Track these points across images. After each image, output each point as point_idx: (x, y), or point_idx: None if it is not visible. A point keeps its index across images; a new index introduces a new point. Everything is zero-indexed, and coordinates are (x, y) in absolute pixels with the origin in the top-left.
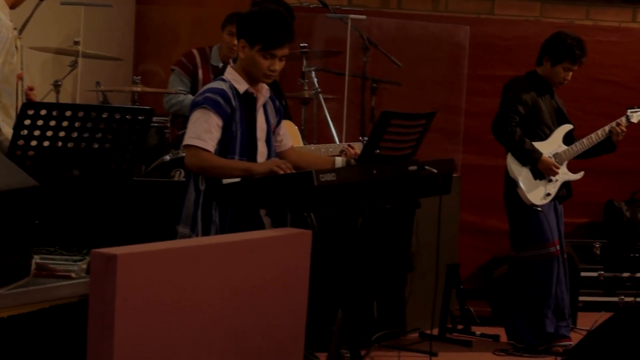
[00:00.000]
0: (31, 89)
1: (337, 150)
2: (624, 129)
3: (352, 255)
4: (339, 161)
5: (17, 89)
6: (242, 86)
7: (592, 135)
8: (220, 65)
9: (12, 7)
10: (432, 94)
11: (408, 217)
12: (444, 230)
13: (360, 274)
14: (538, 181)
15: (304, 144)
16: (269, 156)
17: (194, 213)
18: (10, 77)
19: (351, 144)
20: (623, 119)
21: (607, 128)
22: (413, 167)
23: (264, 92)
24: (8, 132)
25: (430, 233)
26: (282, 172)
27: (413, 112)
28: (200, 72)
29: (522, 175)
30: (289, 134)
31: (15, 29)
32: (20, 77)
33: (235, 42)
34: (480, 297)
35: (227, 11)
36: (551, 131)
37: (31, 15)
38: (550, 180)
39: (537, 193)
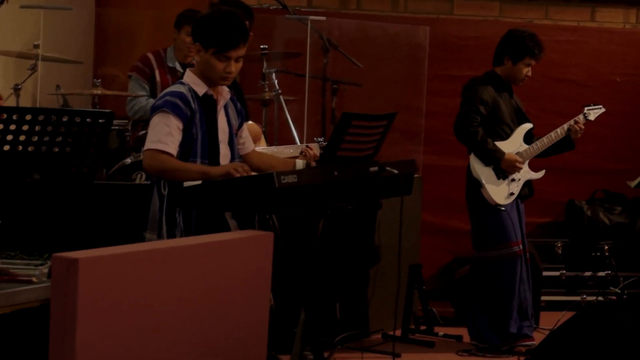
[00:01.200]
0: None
1: (298, 152)
2: (582, 127)
3: (314, 257)
4: (300, 163)
5: None
6: (201, 89)
7: (552, 133)
8: (177, 65)
9: None
10: (392, 95)
11: (370, 218)
12: (405, 231)
13: (322, 276)
14: (501, 181)
15: (267, 145)
16: (232, 158)
17: (159, 218)
18: None
19: (309, 145)
20: (580, 116)
21: (565, 126)
22: (374, 168)
23: (224, 94)
24: None
25: (392, 234)
26: (238, 175)
27: (374, 113)
28: (157, 74)
29: (486, 175)
30: (253, 136)
31: None
32: None
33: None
34: (442, 297)
35: None
36: (512, 130)
37: None
38: (513, 180)
39: (500, 193)
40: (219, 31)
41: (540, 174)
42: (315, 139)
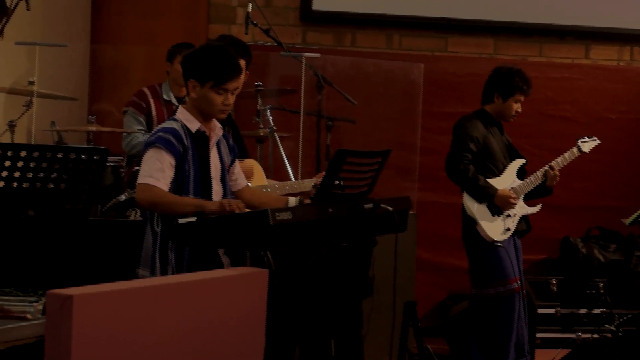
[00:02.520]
0: None
1: (310, 186)
2: (557, 173)
3: (308, 294)
4: (292, 201)
5: None
6: (194, 125)
7: (539, 172)
8: (173, 99)
9: None
10: (387, 132)
11: (365, 255)
12: (400, 268)
13: (317, 313)
14: (496, 217)
15: (267, 182)
16: (224, 195)
17: (152, 254)
18: None
19: (320, 175)
20: (575, 149)
21: (541, 171)
22: (369, 205)
23: (216, 130)
24: None
25: (387, 270)
26: (232, 210)
27: (368, 149)
28: (153, 109)
29: (480, 212)
30: (254, 172)
31: None
32: None
33: None
34: (437, 334)
35: None
36: (504, 166)
37: None
38: (509, 215)
39: (496, 229)
40: (214, 65)
41: (537, 209)
42: (322, 172)
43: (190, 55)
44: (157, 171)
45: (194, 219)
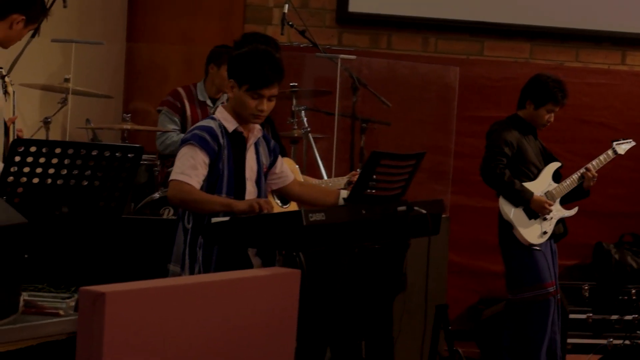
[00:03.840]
0: (19, 136)
1: (342, 184)
2: (595, 174)
3: (340, 295)
4: (344, 194)
5: (9, 132)
6: (231, 125)
7: (576, 174)
8: (208, 100)
9: (3, 46)
10: (421, 135)
11: (397, 258)
12: (432, 271)
13: (348, 314)
14: (533, 220)
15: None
16: (258, 196)
17: (183, 251)
18: None
19: (355, 173)
20: (610, 151)
21: (578, 173)
22: (402, 208)
23: (255, 131)
24: None
25: (419, 273)
26: (261, 211)
27: (402, 152)
28: (188, 109)
29: (516, 216)
30: (287, 167)
31: (7, 76)
32: (12, 121)
33: None
34: (468, 338)
35: None
36: (539, 170)
37: (22, 52)
38: (545, 219)
39: (533, 232)
40: (253, 69)
41: (573, 212)
42: (357, 170)
43: (236, 56)
44: (189, 168)
45: (226, 218)
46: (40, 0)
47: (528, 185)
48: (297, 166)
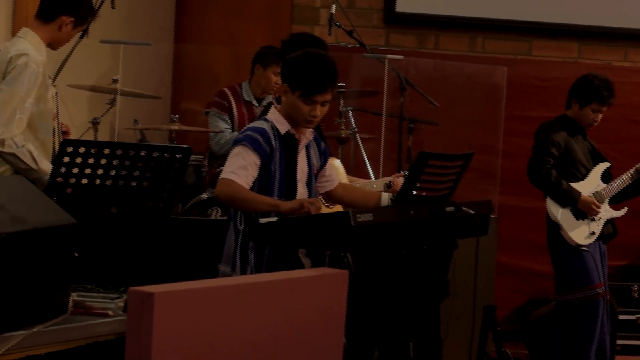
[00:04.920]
0: (66, 131)
1: (381, 185)
2: None
3: (388, 296)
4: (385, 197)
5: (53, 128)
6: (283, 127)
7: (628, 172)
8: (253, 100)
9: (52, 47)
10: (469, 135)
11: (445, 258)
12: (480, 271)
13: (396, 315)
14: (580, 221)
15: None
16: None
17: (234, 252)
18: (46, 113)
19: (398, 177)
20: None
21: (631, 172)
22: (450, 208)
23: (306, 134)
24: (47, 167)
25: (466, 274)
26: (308, 211)
27: (450, 152)
28: (234, 109)
29: (564, 217)
30: (334, 170)
31: (49, 77)
32: (54, 118)
33: (280, 82)
34: (517, 339)
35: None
36: (588, 171)
37: (70, 53)
38: (594, 219)
39: (581, 233)
40: (307, 74)
41: (622, 212)
42: (401, 172)
43: (290, 60)
44: (239, 168)
45: (275, 218)
46: (88, 1)
47: (576, 185)
48: (342, 166)
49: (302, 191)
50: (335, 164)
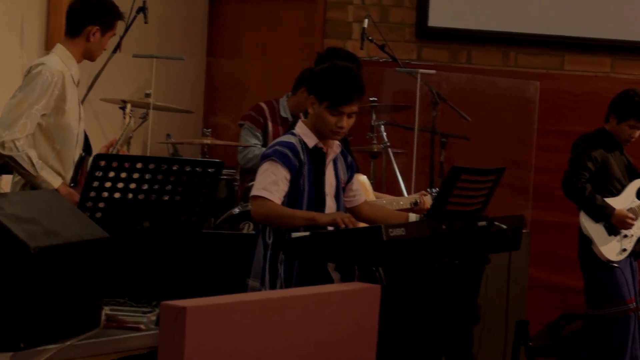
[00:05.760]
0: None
1: (408, 203)
2: None
3: (420, 311)
4: (413, 217)
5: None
6: (311, 141)
7: None
8: (290, 116)
9: (90, 59)
10: (501, 149)
11: (477, 273)
12: (513, 286)
13: (428, 330)
14: (612, 237)
15: (376, 196)
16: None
17: (263, 267)
18: (64, 125)
19: (424, 194)
20: None
21: None
22: (482, 223)
23: (334, 147)
24: (47, 176)
25: (499, 289)
26: (344, 226)
27: (482, 167)
28: (270, 125)
29: (596, 232)
30: (363, 187)
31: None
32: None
33: None
34: (549, 354)
35: (296, 64)
36: (623, 187)
37: (103, 68)
38: (626, 236)
39: (612, 249)
40: (333, 86)
41: None
42: (428, 189)
43: (317, 72)
44: (271, 184)
45: (307, 233)
46: (110, 5)
47: (610, 201)
48: (368, 181)
49: (330, 205)
50: (361, 179)
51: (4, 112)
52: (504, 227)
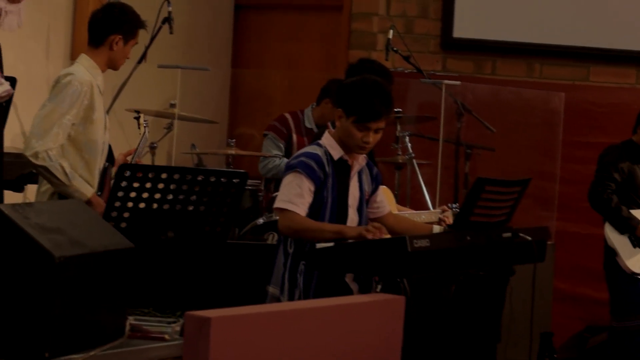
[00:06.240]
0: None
1: (431, 217)
2: None
3: (445, 322)
4: (437, 229)
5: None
6: (336, 153)
7: None
8: (315, 127)
9: (114, 67)
10: (526, 160)
11: (502, 285)
12: (537, 298)
13: (452, 341)
14: (638, 249)
15: (398, 209)
16: (359, 224)
17: (282, 274)
18: (92, 134)
19: (445, 213)
20: None
21: None
22: (507, 234)
23: (359, 159)
24: (80, 185)
25: (523, 300)
26: (371, 237)
27: (507, 178)
28: (294, 136)
29: (621, 244)
30: (385, 197)
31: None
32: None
33: None
34: None
35: (321, 75)
36: None
37: (129, 78)
38: None
39: (636, 261)
40: (362, 101)
41: None
42: (448, 205)
43: (345, 85)
44: (295, 196)
45: (331, 244)
46: (131, 13)
47: (636, 213)
48: (391, 193)
49: (353, 217)
50: (387, 193)
51: (35, 122)
52: (529, 238)
